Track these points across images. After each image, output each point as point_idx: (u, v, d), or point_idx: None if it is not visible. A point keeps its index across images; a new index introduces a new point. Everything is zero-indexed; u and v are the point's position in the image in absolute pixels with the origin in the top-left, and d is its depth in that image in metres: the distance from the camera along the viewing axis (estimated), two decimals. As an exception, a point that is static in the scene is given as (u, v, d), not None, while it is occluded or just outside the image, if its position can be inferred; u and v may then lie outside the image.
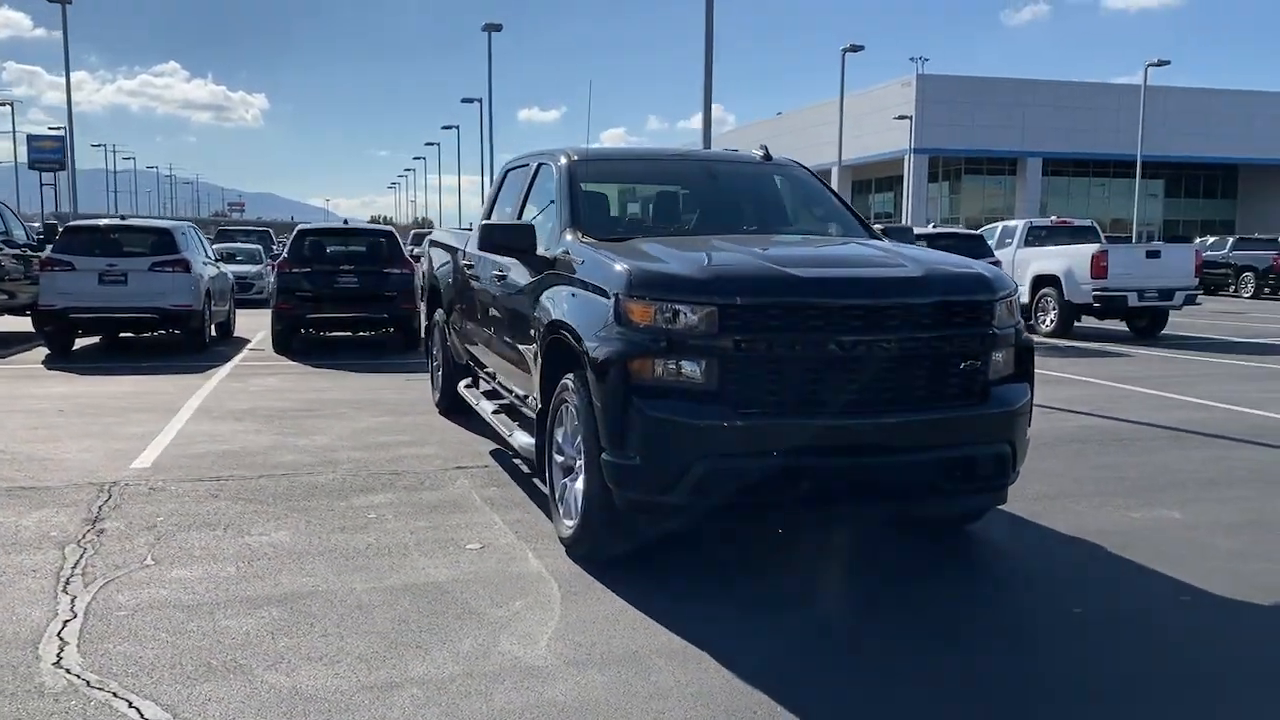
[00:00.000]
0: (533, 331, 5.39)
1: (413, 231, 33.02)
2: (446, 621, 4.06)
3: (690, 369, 4.22)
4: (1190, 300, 16.19)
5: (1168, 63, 39.67)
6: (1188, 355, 14.02)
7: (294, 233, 14.39)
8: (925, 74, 54.50)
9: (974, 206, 58.91)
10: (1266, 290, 30.42)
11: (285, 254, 13.80)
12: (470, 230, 7.73)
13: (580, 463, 4.79)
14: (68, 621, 3.99)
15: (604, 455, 4.39)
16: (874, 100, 56.00)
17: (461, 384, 7.64)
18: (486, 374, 7.25)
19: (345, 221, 21.46)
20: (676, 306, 4.23)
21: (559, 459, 5.06)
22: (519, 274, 5.72)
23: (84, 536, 5.08)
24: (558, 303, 5.03)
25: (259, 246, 26.35)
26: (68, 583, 4.43)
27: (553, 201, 5.82)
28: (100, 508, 5.60)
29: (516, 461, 6.79)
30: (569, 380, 4.79)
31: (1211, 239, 35.23)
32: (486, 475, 6.45)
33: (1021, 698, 3.48)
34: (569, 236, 5.32)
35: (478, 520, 5.46)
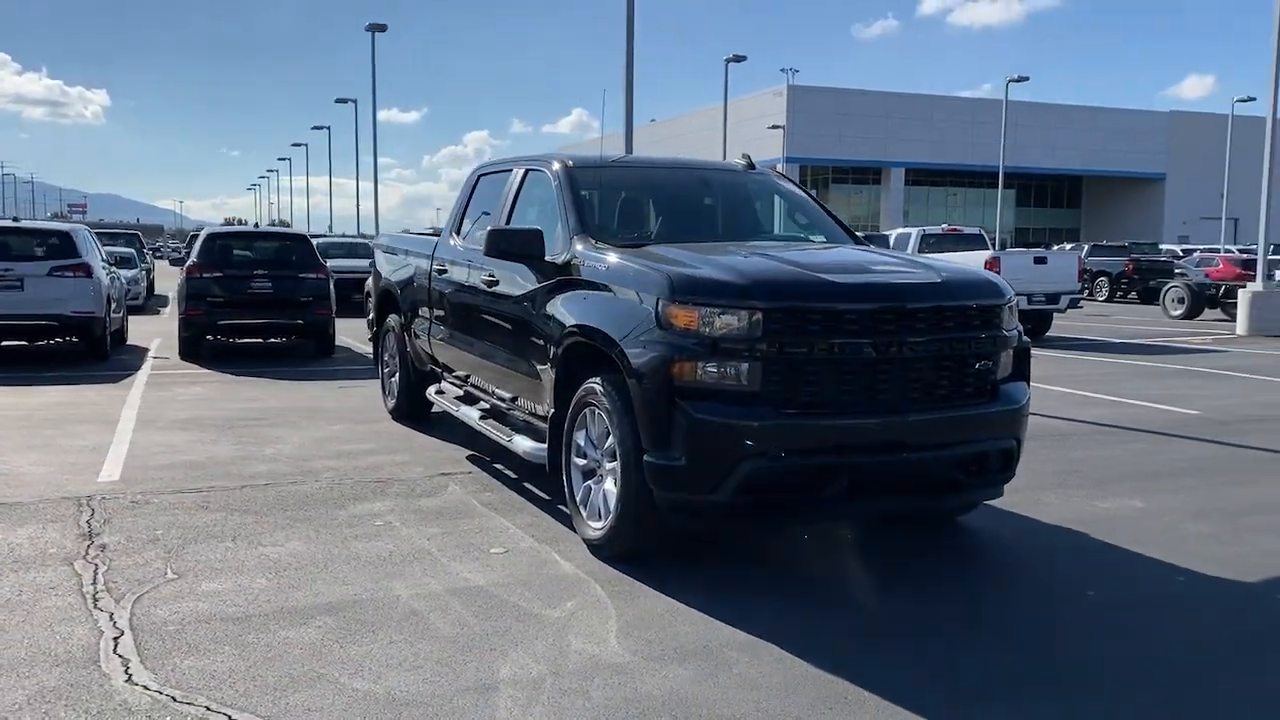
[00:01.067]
0: (541, 336, 5.44)
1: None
2: (507, 624, 4.10)
3: (734, 371, 4.36)
4: (1074, 304, 17.20)
5: (1026, 79, 41.92)
6: (1079, 356, 14.89)
7: (203, 236, 13.92)
8: (796, 85, 55.97)
9: (841, 214, 60.66)
10: (1119, 294, 32.41)
11: (195, 258, 13.32)
12: (437, 235, 7.70)
13: (607, 465, 4.89)
14: (117, 638, 3.88)
15: (646, 457, 4.50)
16: (746, 109, 57.17)
17: (431, 389, 7.59)
18: (454, 379, 7.24)
19: (256, 225, 20.78)
20: (721, 311, 4.38)
21: (580, 462, 5.14)
22: (522, 279, 5.75)
23: (87, 552, 4.90)
24: (580, 307, 5.11)
25: (133, 250, 25.22)
26: (96, 599, 4.28)
27: (550, 208, 5.88)
28: (89, 522, 5.40)
29: (498, 466, 6.81)
30: (596, 384, 4.87)
31: (1069, 245, 37.33)
32: (474, 481, 6.46)
33: (1084, 677, 3.74)
34: (580, 243, 5.39)
35: (488, 525, 5.48)
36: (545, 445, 5.57)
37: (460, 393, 7.31)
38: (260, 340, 14.11)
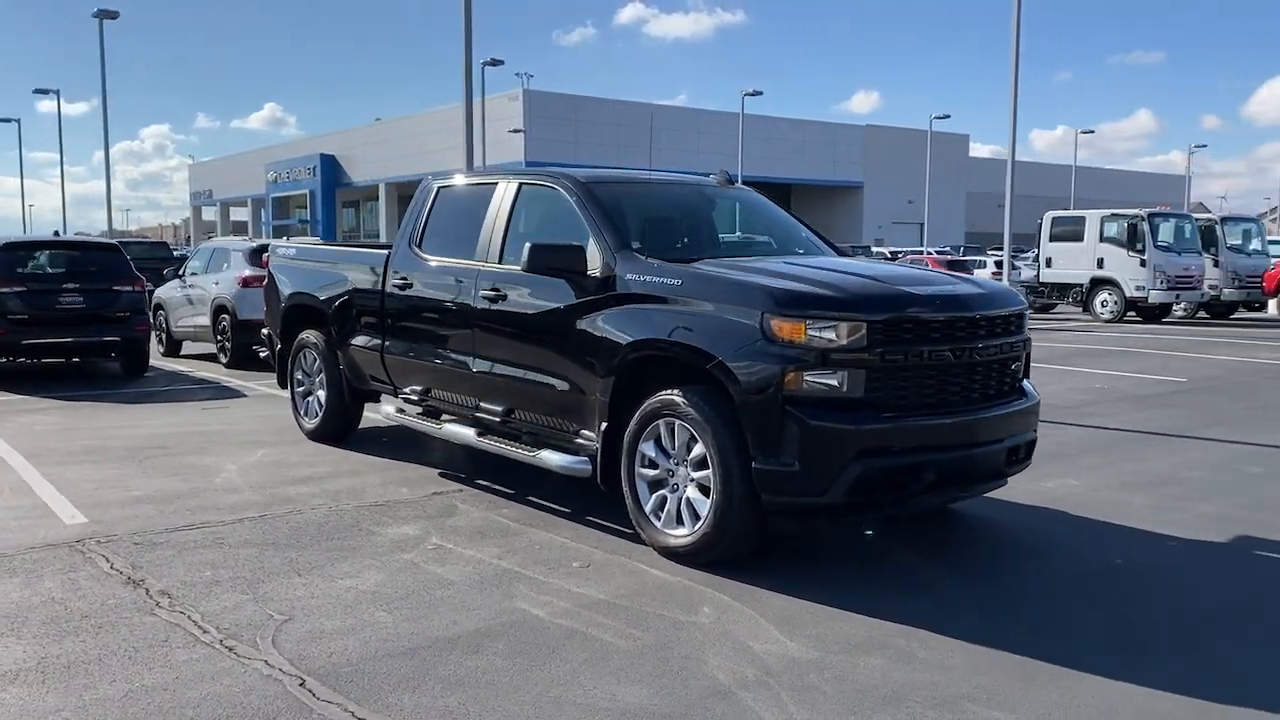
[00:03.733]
0: (587, 351, 5.52)
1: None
2: (668, 633, 4.22)
3: (840, 380, 4.69)
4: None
5: (760, 93, 44.73)
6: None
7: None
8: (531, 90, 56.41)
9: (575, 217, 61.78)
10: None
11: (-10, 271, 11.89)
12: (389, 248, 7.45)
13: (689, 473, 5.08)
14: (303, 682, 3.69)
15: (756, 464, 4.75)
16: (484, 112, 57.01)
17: (389, 409, 7.35)
18: (411, 395, 7.08)
19: (56, 234, 18.53)
20: (830, 324, 4.70)
21: (649, 473, 5.28)
22: (549, 294, 5.77)
23: (158, 600, 4.52)
24: (645, 322, 5.24)
25: None
26: (229, 647, 4.00)
27: (567, 223, 5.93)
28: (118, 569, 4.94)
29: (482, 482, 6.77)
30: (675, 396, 5.06)
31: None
32: (476, 498, 6.39)
33: (1181, 628, 4.37)
34: (625, 259, 5.50)
35: (539, 541, 5.49)
36: (580, 458, 5.68)
37: (418, 410, 7.17)
38: (64, 360, 12.82)
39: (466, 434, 6.52)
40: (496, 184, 6.60)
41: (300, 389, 8.33)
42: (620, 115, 58.21)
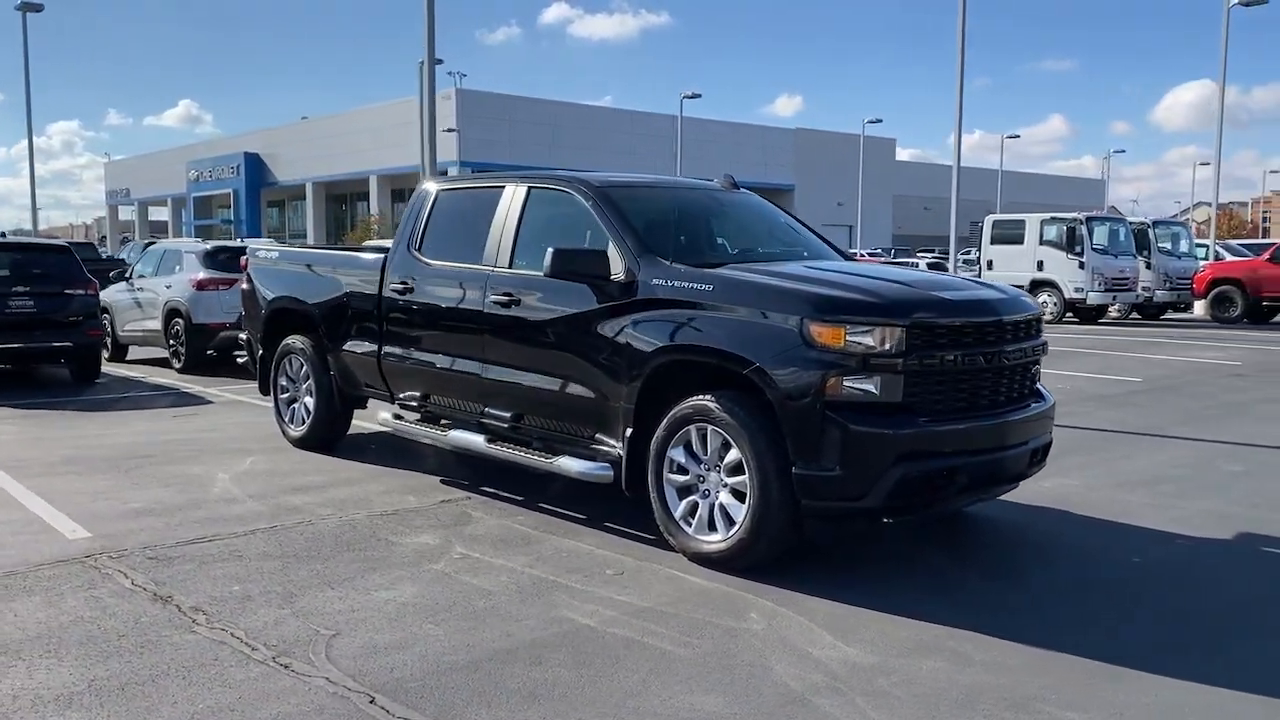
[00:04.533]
0: (611, 356, 5.48)
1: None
2: (722, 640, 4.20)
3: (880, 384, 4.74)
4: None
5: (699, 95, 44.93)
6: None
7: (-58, 248, 11.95)
8: (464, 89, 55.92)
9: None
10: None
11: (-65, 274, 11.41)
12: (383, 251, 7.33)
13: (723, 479, 5.08)
14: (373, 699, 3.60)
15: (796, 469, 4.77)
16: (411, 111, 56.41)
17: (385, 415, 7.22)
18: (406, 401, 6.98)
19: (2, 235, 17.75)
20: (870, 329, 4.74)
21: (678, 479, 5.27)
22: (568, 300, 5.71)
23: (189, 616, 4.38)
24: (676, 327, 5.23)
25: None
26: (283, 664, 3.90)
27: (583, 228, 5.91)
28: (140, 585, 4.78)
29: (488, 489, 6.68)
30: (709, 402, 5.06)
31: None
32: (488, 506, 6.31)
33: (1202, 627, 4.49)
34: (649, 264, 5.48)
35: (565, 548, 5.44)
36: (600, 464, 5.64)
37: (416, 415, 7.07)
38: (9, 367, 12.36)
39: (475, 440, 6.43)
40: (503, 188, 6.52)
41: (284, 396, 8.14)
42: (555, 116, 58.08)
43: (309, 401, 7.86)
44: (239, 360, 9.42)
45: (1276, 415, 10.06)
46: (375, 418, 7.53)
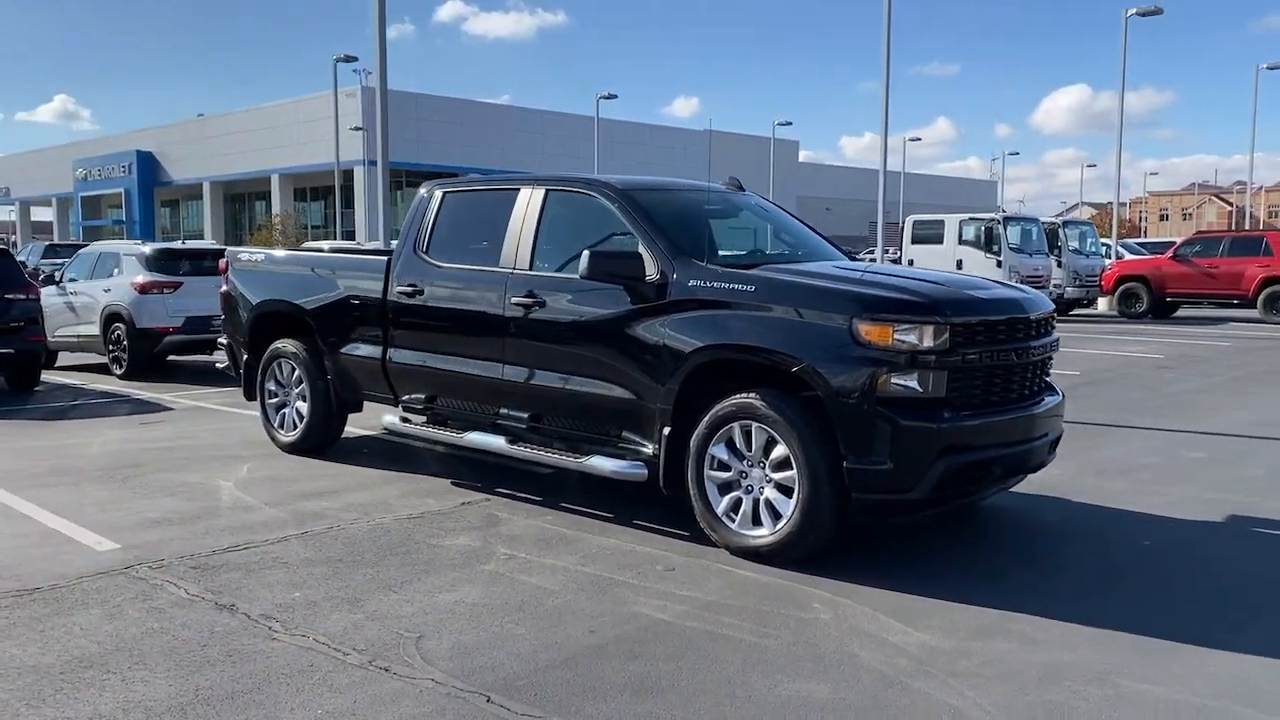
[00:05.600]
0: (647, 356, 5.57)
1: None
2: (801, 632, 4.35)
3: (926, 380, 4.94)
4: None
5: (615, 96, 45.07)
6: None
7: None
8: (371, 86, 54.90)
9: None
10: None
11: None
12: (386, 254, 7.28)
13: (768, 475, 5.23)
14: (489, 698, 3.65)
15: (848, 464, 4.95)
16: (319, 108, 55.33)
17: (390, 419, 7.17)
18: (412, 404, 6.97)
19: None
20: (917, 327, 4.94)
21: (720, 475, 5.40)
22: (605, 300, 5.78)
23: (262, 624, 4.35)
24: (717, 326, 5.35)
25: None
26: (382, 667, 3.91)
27: (609, 229, 5.99)
28: (193, 594, 4.71)
29: (502, 490, 6.71)
30: (753, 399, 5.20)
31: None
32: (508, 506, 6.34)
33: (1231, 602, 4.79)
34: (684, 265, 5.59)
35: (605, 546, 5.52)
36: (633, 463, 5.75)
37: (420, 419, 7.05)
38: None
39: (495, 442, 6.45)
40: (518, 190, 6.55)
41: (273, 401, 8.01)
42: (462, 114, 57.61)
43: (301, 406, 7.76)
44: (218, 366, 9.19)
45: (1214, 405, 10.67)
46: (369, 422, 7.47)
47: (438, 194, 7.07)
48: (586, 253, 5.63)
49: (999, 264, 22.55)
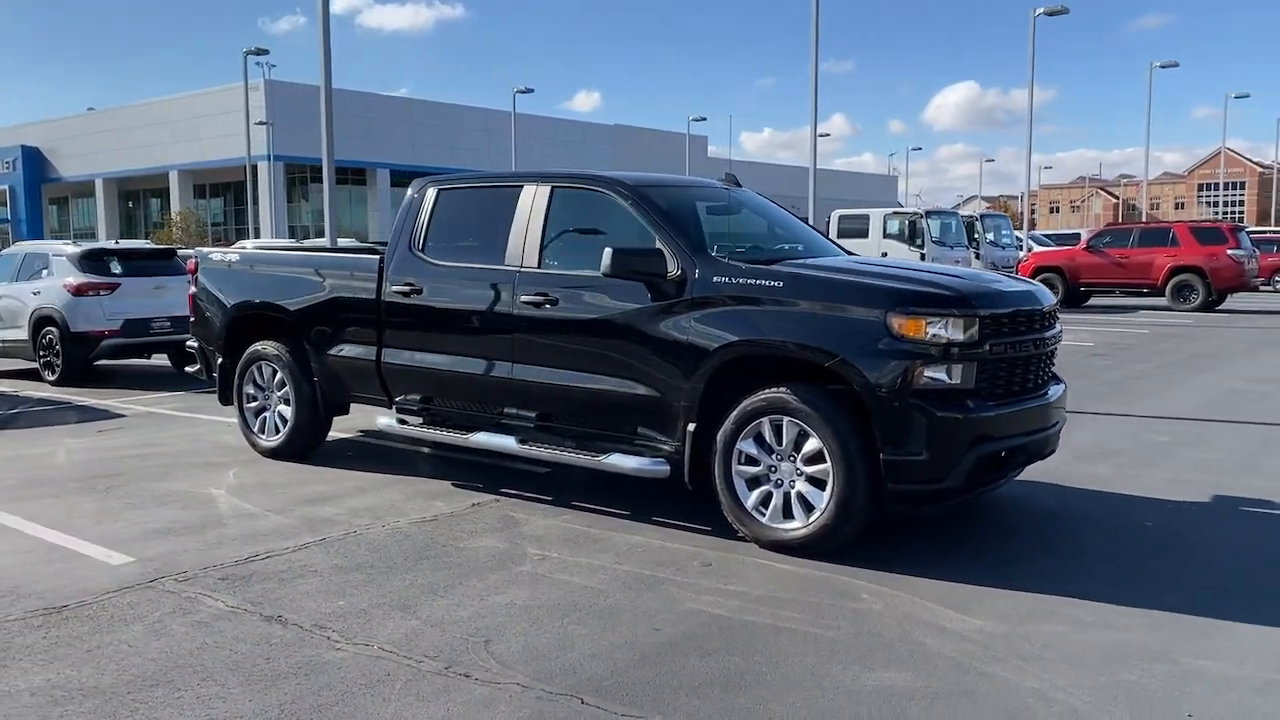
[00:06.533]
0: (670, 353, 5.58)
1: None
2: (865, 622, 4.42)
3: (957, 372, 5.06)
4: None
5: (532, 90, 44.79)
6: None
7: None
8: (274, 80, 53.63)
9: (322, 215, 59.75)
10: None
11: None
12: (373, 253, 7.13)
13: (799, 468, 5.29)
14: (582, 700, 3.63)
15: (885, 455, 5.04)
16: (221, 102, 53.78)
17: (385, 420, 7.02)
18: (408, 405, 6.87)
19: None
20: (950, 320, 5.05)
21: (748, 470, 5.44)
22: (624, 297, 5.76)
23: (317, 633, 4.24)
24: (745, 322, 5.38)
25: None
26: (455, 671, 3.85)
27: (622, 226, 5.97)
28: (234, 606, 4.56)
29: (506, 491, 6.64)
30: (784, 394, 5.26)
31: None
32: (520, 506, 6.28)
33: (1246, 578, 5.03)
34: (705, 261, 5.61)
35: (633, 544, 5.51)
36: (655, 460, 5.74)
37: (418, 420, 6.94)
38: None
39: (504, 442, 6.38)
40: (521, 187, 6.48)
41: (252, 405, 7.78)
42: (371, 107, 56.56)
43: (284, 410, 7.55)
44: (187, 370, 8.88)
45: (1155, 390, 11.14)
46: (348, 424, 7.32)
47: (431, 191, 6.95)
48: (609, 250, 5.61)
49: (922, 256, 23.09)
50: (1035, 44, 30.37)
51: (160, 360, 13.65)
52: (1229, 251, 22.34)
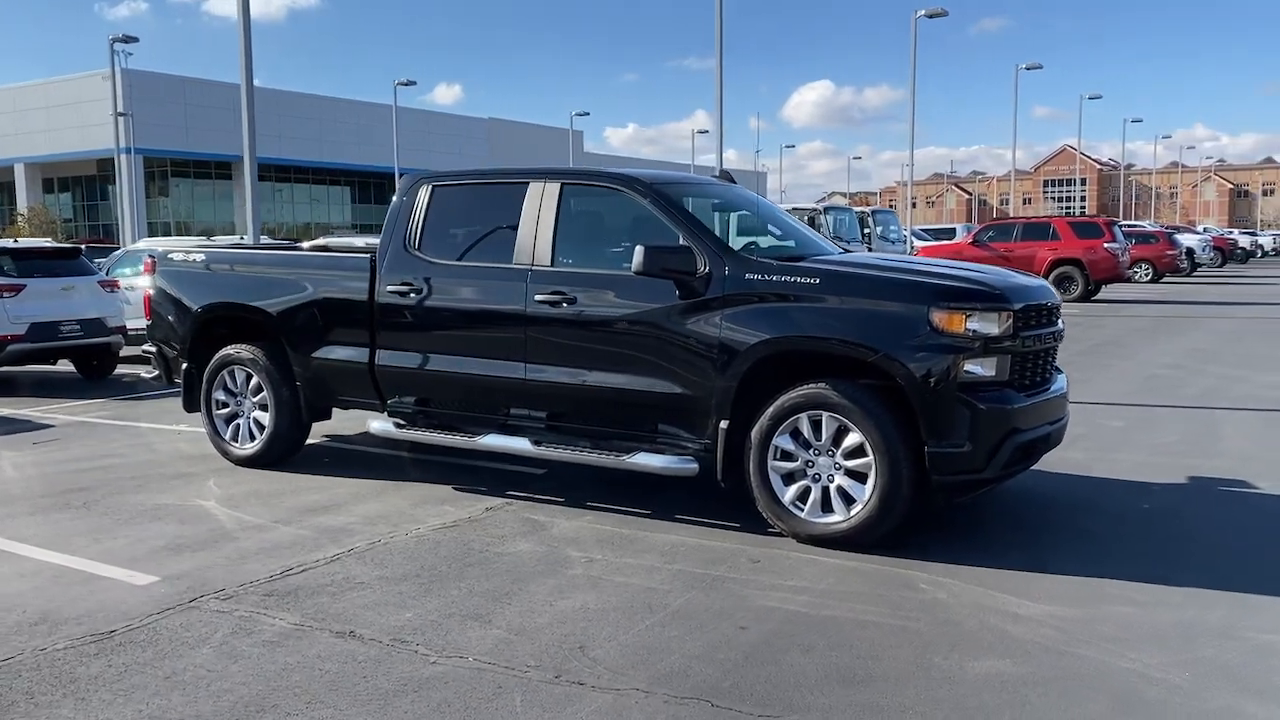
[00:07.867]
0: (700, 351, 5.57)
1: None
2: (937, 610, 4.50)
3: (995, 365, 5.21)
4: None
5: (414, 83, 43.75)
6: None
7: None
8: (131, 69, 50.97)
9: (183, 211, 57.36)
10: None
11: None
12: (365, 252, 6.88)
13: (836, 462, 5.36)
14: (711, 702, 3.60)
15: (930, 447, 5.14)
16: (73, 91, 50.96)
17: (380, 424, 6.77)
18: (403, 408, 6.68)
19: None
20: (984, 313, 5.20)
21: (784, 465, 5.48)
22: (650, 296, 5.71)
23: (402, 649, 4.08)
24: (782, 319, 5.42)
25: None
26: (566, 680, 3.77)
27: (643, 226, 5.93)
28: (296, 624, 4.35)
29: (516, 494, 6.52)
30: (823, 389, 5.32)
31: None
32: (539, 509, 6.17)
33: (1262, 555, 5.34)
34: (734, 260, 5.60)
35: (673, 543, 5.48)
36: (684, 458, 5.74)
37: (429, 422, 6.72)
38: None
39: (517, 444, 6.24)
40: (527, 184, 6.35)
41: (224, 412, 7.41)
42: (234, 99, 54.38)
43: (261, 416, 7.22)
44: (146, 375, 8.38)
45: (1084, 378, 11.58)
46: (317, 429, 7.06)
47: (425, 188, 6.75)
48: (641, 248, 5.55)
49: (822, 251, 23.62)
50: (916, 46, 31.42)
51: (65, 366, 12.87)
52: (1105, 245, 23.60)
